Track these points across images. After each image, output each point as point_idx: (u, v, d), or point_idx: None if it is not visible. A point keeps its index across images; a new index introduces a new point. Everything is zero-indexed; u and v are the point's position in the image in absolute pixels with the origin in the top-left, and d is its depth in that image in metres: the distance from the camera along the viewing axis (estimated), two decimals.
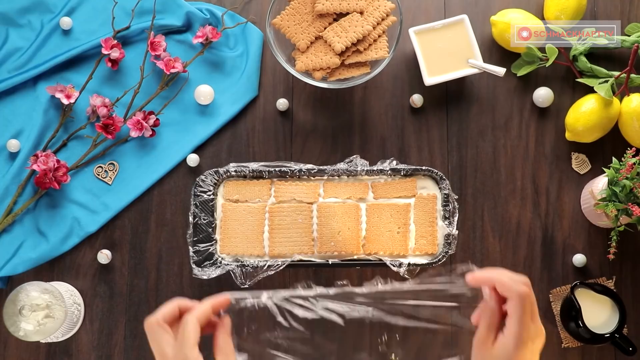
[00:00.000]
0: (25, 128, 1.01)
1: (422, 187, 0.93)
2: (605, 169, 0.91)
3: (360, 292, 0.78)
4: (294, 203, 0.92)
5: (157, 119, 1.00)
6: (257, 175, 0.93)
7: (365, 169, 0.92)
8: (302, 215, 0.91)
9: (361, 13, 0.96)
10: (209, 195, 0.92)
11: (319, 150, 1.02)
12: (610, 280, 0.99)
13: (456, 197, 0.91)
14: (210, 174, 0.92)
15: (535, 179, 1.02)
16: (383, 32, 0.97)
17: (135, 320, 0.99)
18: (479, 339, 0.70)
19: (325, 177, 0.93)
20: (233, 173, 0.93)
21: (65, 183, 0.98)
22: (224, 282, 0.93)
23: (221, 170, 0.92)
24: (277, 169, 0.92)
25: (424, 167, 0.92)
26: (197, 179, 0.92)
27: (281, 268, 0.90)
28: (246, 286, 0.91)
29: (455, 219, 0.91)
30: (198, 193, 0.92)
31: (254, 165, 0.93)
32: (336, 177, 0.92)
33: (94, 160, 1.01)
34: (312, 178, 0.93)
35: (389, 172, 0.92)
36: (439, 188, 0.92)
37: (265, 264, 0.90)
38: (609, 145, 1.02)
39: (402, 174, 0.93)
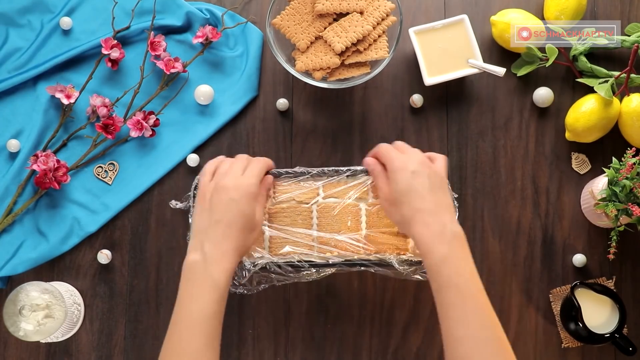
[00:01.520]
0: (25, 128, 1.01)
1: None
2: (605, 169, 0.91)
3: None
4: (293, 203, 0.91)
5: (157, 119, 1.00)
6: None
7: (365, 168, 0.92)
8: (302, 216, 0.91)
9: (361, 13, 0.96)
10: None
11: (319, 150, 1.02)
12: (610, 280, 0.99)
13: (456, 195, 0.91)
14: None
15: (535, 179, 1.02)
16: (383, 32, 0.97)
17: (135, 321, 0.99)
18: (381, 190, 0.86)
19: (325, 178, 0.92)
20: None
21: (65, 183, 0.98)
22: None
23: None
24: (276, 170, 0.92)
25: None
26: (197, 179, 0.92)
27: (281, 267, 0.90)
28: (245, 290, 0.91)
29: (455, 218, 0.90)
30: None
31: None
32: (336, 177, 0.92)
33: (94, 160, 1.01)
34: (312, 178, 0.93)
35: None
36: None
37: (265, 264, 0.90)
38: (609, 145, 1.02)
39: None
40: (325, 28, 0.97)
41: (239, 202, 0.82)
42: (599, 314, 0.95)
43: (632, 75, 0.98)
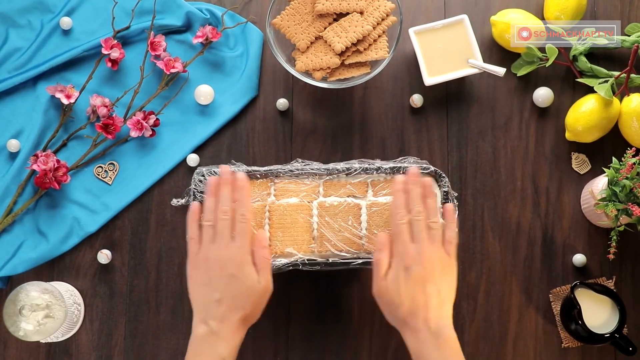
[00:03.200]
0: (25, 128, 1.01)
1: None
2: (605, 169, 0.91)
3: None
4: (294, 202, 0.91)
5: (157, 119, 1.00)
6: (257, 175, 0.92)
7: (365, 166, 0.92)
8: (302, 215, 0.91)
9: (361, 13, 0.96)
10: None
11: (319, 150, 1.02)
12: (610, 280, 0.99)
13: (456, 194, 0.91)
14: (208, 174, 0.92)
15: (535, 179, 1.02)
16: (383, 32, 0.97)
17: (135, 321, 0.99)
18: None
19: (325, 176, 0.92)
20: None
21: (65, 183, 0.98)
22: None
23: (217, 170, 0.92)
24: (276, 169, 0.92)
25: (423, 165, 0.92)
26: (195, 179, 0.91)
27: (281, 267, 0.90)
28: None
29: (455, 216, 0.90)
30: (198, 193, 0.91)
31: (252, 167, 0.93)
32: (336, 176, 0.92)
33: (94, 160, 1.01)
34: (312, 177, 0.93)
35: (389, 170, 0.92)
36: (439, 186, 0.92)
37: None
38: (609, 145, 1.02)
39: (401, 172, 0.92)
40: (325, 28, 0.97)
41: (239, 277, 0.79)
42: (599, 314, 0.95)
43: (632, 75, 0.98)
